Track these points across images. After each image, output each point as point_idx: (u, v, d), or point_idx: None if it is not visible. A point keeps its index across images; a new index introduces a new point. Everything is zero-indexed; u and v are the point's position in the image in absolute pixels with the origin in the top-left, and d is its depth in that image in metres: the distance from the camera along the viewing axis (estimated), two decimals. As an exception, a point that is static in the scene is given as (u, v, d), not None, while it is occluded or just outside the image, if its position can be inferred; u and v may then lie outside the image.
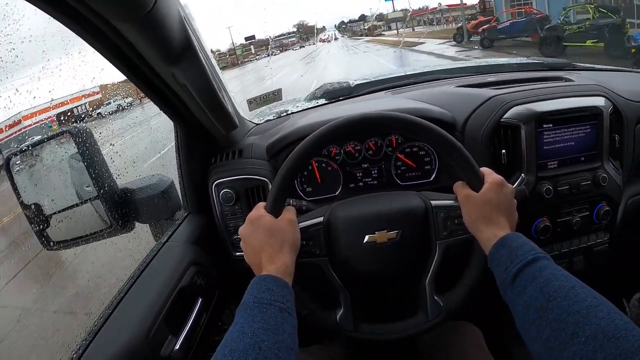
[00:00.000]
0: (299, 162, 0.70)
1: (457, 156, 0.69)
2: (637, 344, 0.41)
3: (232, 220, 0.98)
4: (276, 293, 0.57)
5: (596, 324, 0.45)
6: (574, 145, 0.97)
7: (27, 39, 0.60)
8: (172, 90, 0.77)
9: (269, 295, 0.56)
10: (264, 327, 0.52)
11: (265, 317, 0.53)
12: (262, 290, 0.57)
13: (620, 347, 0.41)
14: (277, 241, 0.64)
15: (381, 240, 0.73)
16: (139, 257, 0.88)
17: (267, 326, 0.52)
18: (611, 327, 0.44)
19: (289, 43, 52.59)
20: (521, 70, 1.46)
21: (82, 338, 0.69)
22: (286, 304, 0.57)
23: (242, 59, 43.09)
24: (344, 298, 0.74)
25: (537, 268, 0.54)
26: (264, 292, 0.57)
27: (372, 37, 39.56)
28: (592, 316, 0.46)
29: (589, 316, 0.46)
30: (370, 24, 56.08)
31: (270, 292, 0.57)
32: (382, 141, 1.02)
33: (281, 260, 0.63)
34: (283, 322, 0.54)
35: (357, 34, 57.08)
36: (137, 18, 0.52)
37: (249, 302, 0.56)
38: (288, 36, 58.49)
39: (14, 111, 1.77)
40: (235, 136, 1.07)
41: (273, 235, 0.65)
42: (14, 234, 2.00)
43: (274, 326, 0.53)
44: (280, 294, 0.57)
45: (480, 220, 0.66)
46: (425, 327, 0.74)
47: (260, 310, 0.54)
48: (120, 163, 0.99)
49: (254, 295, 0.57)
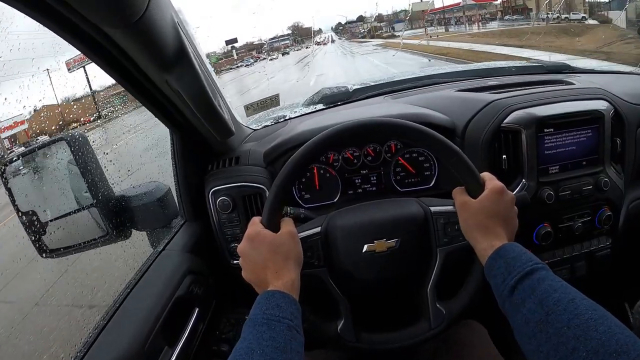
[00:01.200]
0: (294, 173, 0.69)
1: (455, 161, 0.68)
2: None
3: (229, 228, 0.97)
4: (285, 310, 0.56)
5: (597, 338, 0.43)
6: (575, 150, 0.96)
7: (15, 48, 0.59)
8: (166, 97, 0.76)
9: (278, 312, 0.56)
10: (273, 345, 0.51)
11: (274, 335, 0.52)
12: (271, 306, 0.56)
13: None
14: (281, 257, 0.63)
15: (380, 250, 0.72)
16: (135, 266, 0.87)
17: (275, 344, 0.51)
18: (612, 341, 0.43)
19: (281, 46, 49.32)
20: (521, 74, 1.46)
21: (77, 350, 0.68)
22: (294, 321, 0.56)
23: (216, 67, 39.40)
24: (345, 308, 0.73)
25: (535, 280, 0.53)
26: (273, 309, 0.56)
27: (386, 40, 31.14)
28: (593, 330, 0.44)
29: (589, 330, 0.45)
30: (370, 25, 55.00)
31: (279, 309, 0.56)
32: (380, 147, 1.01)
33: (287, 275, 0.62)
34: (291, 340, 0.53)
35: (357, 35, 55.75)
36: (129, 24, 0.51)
37: (257, 318, 0.55)
38: (280, 39, 54.70)
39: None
40: (233, 143, 1.06)
41: (276, 251, 0.63)
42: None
43: (282, 344, 0.52)
44: (289, 311, 0.57)
45: (477, 229, 0.64)
46: (428, 335, 0.73)
47: (269, 327, 0.53)
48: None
49: (263, 311, 0.56)
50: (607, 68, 2.15)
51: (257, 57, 40.41)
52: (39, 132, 1.54)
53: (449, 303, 0.73)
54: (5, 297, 2.23)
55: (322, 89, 1.48)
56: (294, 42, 55.56)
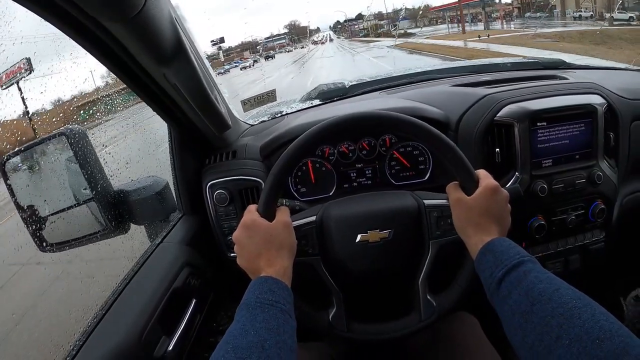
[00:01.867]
0: (290, 164, 0.69)
1: (451, 156, 0.68)
2: (622, 345, 0.40)
3: (226, 221, 0.98)
4: (277, 294, 0.57)
5: (580, 325, 0.44)
6: (568, 144, 0.97)
7: (17, 41, 0.60)
8: (164, 91, 0.77)
9: (271, 296, 0.57)
10: (266, 326, 0.52)
11: (267, 317, 0.54)
12: (264, 291, 0.57)
13: (605, 349, 0.41)
14: (275, 246, 0.64)
15: (373, 240, 0.73)
16: (133, 258, 0.88)
17: (269, 326, 0.52)
18: (595, 328, 0.43)
19: (275, 46, 47.31)
20: (516, 70, 1.46)
21: (75, 339, 0.69)
22: (287, 305, 0.57)
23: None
24: (337, 297, 0.74)
25: (521, 272, 0.54)
26: (266, 293, 0.57)
27: (405, 40, 22.73)
28: (576, 318, 0.45)
29: (572, 318, 0.45)
30: (370, 24, 53.92)
31: (272, 293, 0.57)
32: (375, 141, 1.02)
33: (280, 263, 0.63)
34: (284, 324, 0.54)
35: (358, 34, 54.54)
36: (127, 18, 0.52)
37: (250, 302, 0.56)
38: (276, 38, 52.51)
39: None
40: (229, 137, 1.07)
41: (270, 240, 0.64)
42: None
43: (275, 326, 0.53)
44: (282, 296, 0.58)
45: (469, 225, 0.65)
46: (418, 327, 0.74)
47: (262, 310, 0.54)
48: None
49: (256, 296, 0.57)
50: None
51: (244, 58, 37.30)
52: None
53: (440, 296, 0.74)
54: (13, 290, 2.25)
55: (318, 85, 1.49)
56: (290, 41, 53.50)
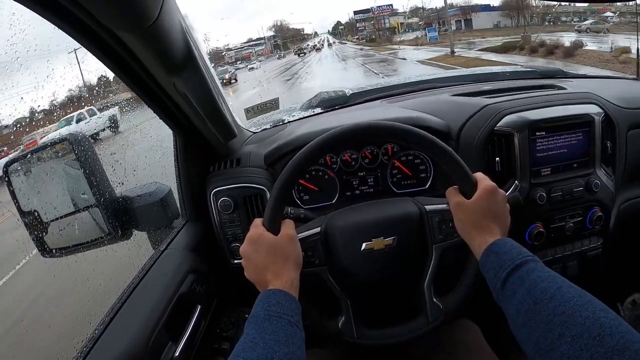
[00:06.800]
0: (294, 176, 0.71)
1: (448, 160, 0.70)
2: (623, 341, 0.42)
3: (230, 228, 0.99)
4: (285, 307, 0.58)
5: (581, 323, 0.45)
6: (566, 152, 0.99)
7: (32, 49, 0.61)
8: (172, 100, 0.78)
9: (279, 308, 0.58)
10: (275, 339, 0.53)
11: (276, 330, 0.54)
12: (272, 303, 0.58)
13: (607, 345, 0.42)
14: (281, 259, 0.65)
15: (378, 247, 0.74)
16: (138, 264, 0.88)
17: (278, 338, 0.53)
18: (596, 325, 0.44)
19: (251, 54, 39.44)
20: (515, 79, 1.49)
21: (82, 345, 0.69)
22: (295, 317, 0.58)
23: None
24: (345, 305, 0.75)
25: (524, 271, 0.55)
26: (274, 306, 0.58)
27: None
28: (578, 316, 0.46)
29: (574, 316, 0.47)
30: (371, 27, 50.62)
31: (279, 306, 0.58)
32: (377, 150, 1.04)
33: (287, 275, 0.64)
34: (293, 335, 0.55)
35: (366, 38, 49.52)
36: (141, 29, 0.53)
37: (259, 315, 0.57)
38: (253, 44, 42.42)
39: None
40: (233, 145, 1.08)
41: (276, 253, 0.66)
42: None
43: (284, 338, 0.54)
44: (289, 308, 0.59)
45: (472, 228, 0.67)
46: (426, 329, 0.75)
47: (271, 322, 0.55)
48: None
49: (264, 309, 0.58)
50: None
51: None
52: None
53: (445, 298, 0.75)
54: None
55: (319, 92, 1.50)
56: (273, 47, 44.86)
